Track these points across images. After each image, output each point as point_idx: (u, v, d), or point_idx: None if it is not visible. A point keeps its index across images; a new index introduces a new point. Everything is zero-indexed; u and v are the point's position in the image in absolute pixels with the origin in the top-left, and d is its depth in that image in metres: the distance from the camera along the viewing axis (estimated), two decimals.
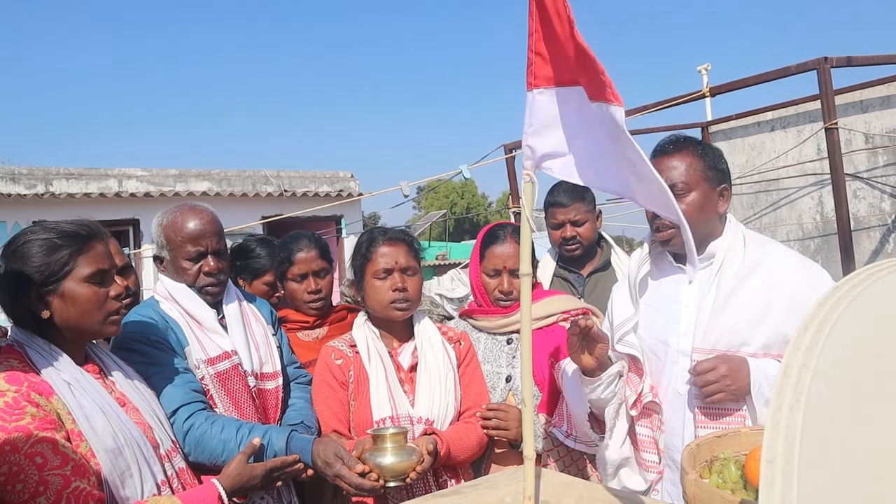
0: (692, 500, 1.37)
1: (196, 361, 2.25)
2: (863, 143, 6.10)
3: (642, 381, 2.17)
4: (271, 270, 3.26)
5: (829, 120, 5.21)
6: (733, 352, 2.03)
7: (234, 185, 13.97)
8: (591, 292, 3.21)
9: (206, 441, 2.09)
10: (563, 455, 2.52)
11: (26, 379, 1.68)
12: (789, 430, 0.68)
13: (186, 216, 2.34)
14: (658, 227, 2.18)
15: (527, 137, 1.61)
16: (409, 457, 2.07)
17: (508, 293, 2.59)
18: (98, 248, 1.87)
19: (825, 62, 5.15)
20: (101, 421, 1.76)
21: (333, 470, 2.08)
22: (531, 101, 1.60)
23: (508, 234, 2.62)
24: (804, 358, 0.73)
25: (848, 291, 0.81)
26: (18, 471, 1.58)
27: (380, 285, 2.42)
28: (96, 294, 1.84)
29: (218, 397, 2.25)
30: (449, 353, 2.48)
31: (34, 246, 1.80)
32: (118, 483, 1.75)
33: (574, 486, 1.85)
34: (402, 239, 2.49)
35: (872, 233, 6.15)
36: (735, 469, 1.45)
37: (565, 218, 3.25)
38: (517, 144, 7.46)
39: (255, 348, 2.41)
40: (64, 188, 12.44)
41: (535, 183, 1.61)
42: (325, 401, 2.41)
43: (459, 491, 1.91)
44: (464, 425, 2.41)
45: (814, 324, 0.77)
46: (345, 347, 2.47)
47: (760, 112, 6.86)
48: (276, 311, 2.74)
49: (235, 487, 2.01)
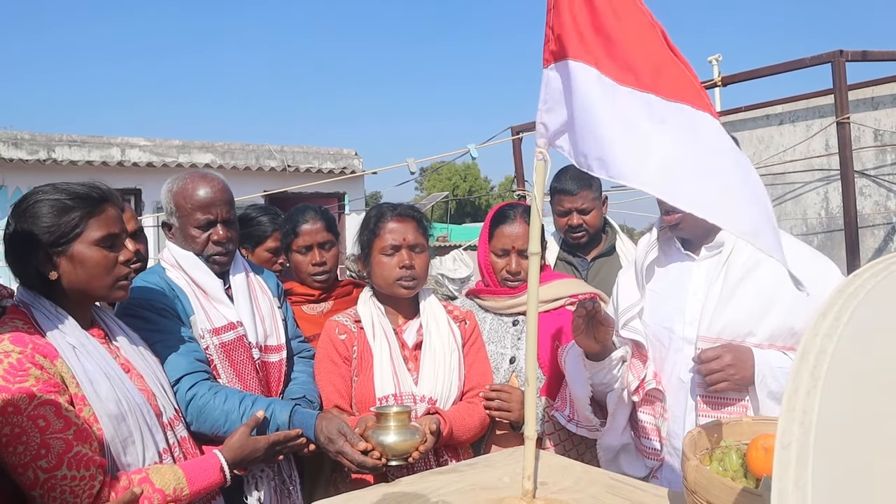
0: (693, 486, 1.37)
1: (201, 331, 2.24)
2: (871, 140, 6.07)
3: (645, 368, 2.17)
4: (273, 235, 3.24)
5: (841, 114, 5.18)
6: (738, 341, 2.03)
7: (238, 158, 13.92)
8: (595, 277, 3.21)
9: (208, 411, 2.09)
10: (563, 439, 2.52)
11: (31, 341, 1.68)
12: (805, 415, 0.67)
13: (197, 183, 2.32)
14: (668, 210, 2.16)
15: (541, 115, 1.59)
16: (412, 436, 2.07)
17: (516, 273, 2.58)
18: (109, 212, 1.86)
19: (840, 55, 5.11)
20: (104, 386, 1.75)
21: (336, 446, 2.08)
22: (546, 79, 1.59)
23: (518, 214, 2.61)
24: (822, 343, 0.73)
25: (868, 279, 0.81)
26: (20, 433, 1.59)
27: (387, 261, 2.40)
28: (105, 258, 1.83)
29: (222, 368, 2.24)
30: (454, 332, 2.47)
31: (45, 206, 1.79)
32: (120, 449, 1.76)
33: (572, 469, 1.86)
34: (411, 215, 2.47)
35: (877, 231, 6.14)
36: (736, 457, 1.45)
37: (572, 206, 3.24)
38: (525, 127, 7.44)
39: (261, 320, 2.40)
40: (66, 155, 12.39)
41: (547, 161, 1.60)
42: (327, 376, 2.41)
43: (458, 469, 1.92)
44: (466, 405, 2.41)
45: (833, 310, 0.76)
46: (349, 322, 2.46)
47: (770, 105, 6.82)
48: (282, 284, 2.74)
49: (237, 459, 2.01)
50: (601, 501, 1.61)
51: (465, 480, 1.78)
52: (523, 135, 7.52)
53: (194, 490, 1.85)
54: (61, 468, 1.60)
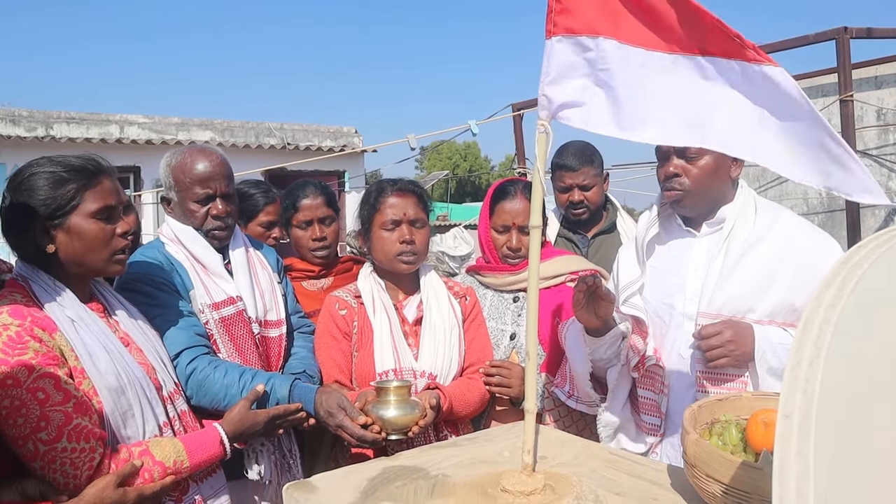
0: (692, 460, 1.37)
1: (201, 305, 2.24)
2: (874, 120, 6.04)
3: (646, 344, 2.17)
4: (265, 209, 3.22)
5: (844, 92, 5.15)
6: (739, 317, 2.03)
7: (237, 136, 13.88)
8: (595, 254, 3.20)
9: (208, 385, 2.09)
10: (563, 415, 2.53)
11: (30, 314, 1.67)
12: (808, 384, 0.67)
13: (196, 157, 2.30)
14: (669, 186, 2.15)
15: (543, 87, 1.58)
16: (412, 410, 2.07)
17: (517, 250, 2.57)
18: (105, 184, 1.84)
19: (844, 32, 5.07)
20: (104, 359, 1.75)
21: (336, 420, 2.08)
22: (549, 50, 1.57)
23: (519, 190, 2.59)
24: (826, 314, 0.72)
25: (872, 250, 0.80)
26: (20, 405, 1.59)
27: (387, 237, 2.39)
28: (102, 230, 1.82)
29: (221, 342, 2.24)
30: (454, 308, 2.47)
31: (40, 179, 1.77)
32: (120, 422, 1.76)
33: (572, 444, 1.86)
34: (411, 190, 2.46)
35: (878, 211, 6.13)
36: (736, 432, 1.45)
37: (573, 182, 3.22)
38: (525, 104, 7.40)
39: (261, 295, 2.40)
40: (65, 132, 12.36)
41: (549, 134, 1.58)
42: (327, 351, 2.41)
43: (457, 443, 1.92)
44: (466, 381, 2.41)
45: (836, 280, 0.75)
46: (349, 298, 2.45)
47: None
48: (282, 260, 2.73)
49: (237, 433, 2.02)
50: (600, 475, 1.62)
51: (464, 454, 1.78)
52: (524, 112, 7.48)
53: (194, 463, 1.86)
54: (61, 440, 1.60)
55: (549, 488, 1.51)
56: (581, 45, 1.55)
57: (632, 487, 1.54)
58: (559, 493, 1.49)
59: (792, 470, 0.63)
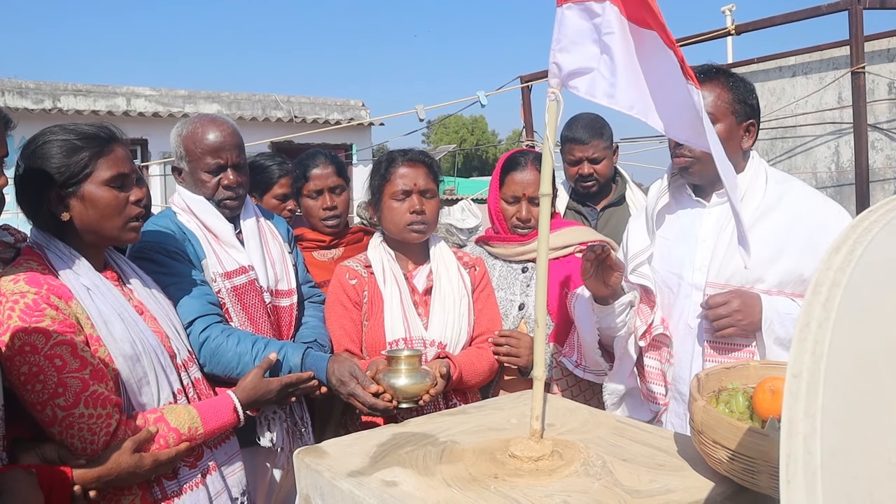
0: (699, 427, 1.38)
1: (213, 274, 2.25)
2: (886, 94, 5.97)
3: (653, 313, 2.18)
4: (280, 181, 3.24)
5: (856, 63, 5.09)
6: (747, 288, 2.03)
7: (244, 108, 13.83)
8: (605, 227, 3.20)
9: (221, 353, 2.11)
10: (570, 385, 2.55)
11: (46, 281, 1.69)
12: (817, 345, 0.68)
13: (207, 127, 2.30)
14: (678, 153, 2.15)
15: (554, 54, 1.58)
16: (422, 379, 2.09)
17: (526, 221, 2.58)
18: (118, 152, 1.85)
19: (857, 3, 4.99)
20: (119, 327, 1.77)
21: (347, 388, 2.10)
22: (560, 17, 1.57)
23: (529, 160, 2.59)
24: (835, 276, 0.72)
25: (882, 215, 0.80)
26: (38, 371, 1.61)
27: (397, 207, 2.40)
28: (116, 198, 1.83)
29: (234, 311, 2.26)
30: (464, 278, 2.48)
31: (54, 146, 1.78)
32: (135, 389, 1.79)
33: (579, 412, 1.88)
34: (421, 160, 2.46)
35: (887, 185, 6.08)
36: (742, 399, 1.46)
37: (583, 155, 3.22)
38: (534, 76, 7.34)
39: (272, 265, 2.41)
40: (72, 104, 12.34)
41: (560, 102, 1.58)
42: (338, 320, 2.42)
43: (465, 411, 1.94)
44: (476, 350, 2.43)
45: (847, 244, 0.76)
46: (359, 268, 2.47)
47: (783, 56, 6.70)
48: (292, 230, 2.74)
49: (250, 400, 2.04)
50: (608, 442, 1.63)
51: (473, 421, 1.80)
52: (532, 84, 7.42)
53: (209, 429, 1.89)
54: (79, 406, 1.63)
55: (557, 454, 1.52)
56: (590, 11, 1.55)
57: (638, 454, 1.56)
58: (567, 459, 1.51)
59: (800, 429, 0.64)
